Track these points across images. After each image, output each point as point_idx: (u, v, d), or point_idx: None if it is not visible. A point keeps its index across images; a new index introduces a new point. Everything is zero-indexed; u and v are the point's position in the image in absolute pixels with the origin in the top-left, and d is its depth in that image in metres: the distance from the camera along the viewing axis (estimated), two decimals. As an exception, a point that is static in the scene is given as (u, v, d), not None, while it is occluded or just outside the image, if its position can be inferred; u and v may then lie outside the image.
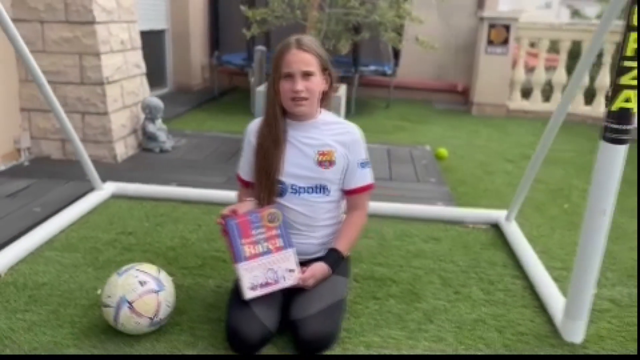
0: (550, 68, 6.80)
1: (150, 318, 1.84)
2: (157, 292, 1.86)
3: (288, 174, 1.94)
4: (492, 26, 6.43)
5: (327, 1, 4.06)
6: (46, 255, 2.48)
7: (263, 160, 1.95)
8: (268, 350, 1.83)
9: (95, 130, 3.84)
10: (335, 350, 1.86)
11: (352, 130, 2.01)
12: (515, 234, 2.87)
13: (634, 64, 1.68)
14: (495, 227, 3.08)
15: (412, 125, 5.98)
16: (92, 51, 3.68)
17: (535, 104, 6.71)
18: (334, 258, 1.96)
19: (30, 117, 3.83)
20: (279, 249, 1.87)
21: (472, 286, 2.38)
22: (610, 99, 1.75)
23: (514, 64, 6.72)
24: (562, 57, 6.48)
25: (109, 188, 3.24)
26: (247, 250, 1.84)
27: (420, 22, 4.22)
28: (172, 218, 3.00)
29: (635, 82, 1.69)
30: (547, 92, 6.84)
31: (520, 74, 6.70)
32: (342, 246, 1.98)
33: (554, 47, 7.03)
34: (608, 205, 1.80)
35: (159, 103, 4.17)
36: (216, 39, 7.05)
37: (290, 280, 1.88)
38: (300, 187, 1.95)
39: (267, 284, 1.85)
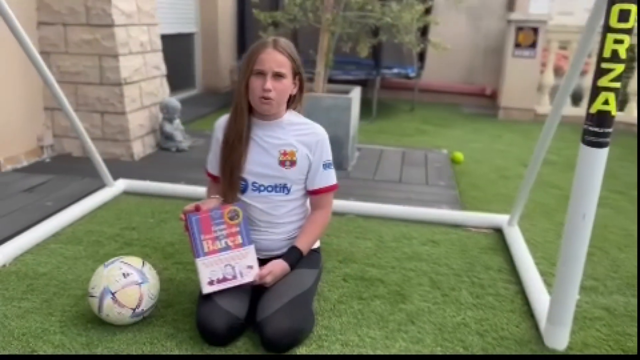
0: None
1: (133, 309, 1.91)
2: (139, 284, 1.93)
3: (250, 172, 1.99)
4: (519, 29, 6.32)
5: (342, 4, 4.08)
6: (51, 247, 2.59)
7: (227, 156, 1.99)
8: (244, 345, 1.87)
9: (114, 129, 3.98)
10: (311, 347, 1.88)
11: (317, 131, 2.03)
12: (515, 238, 2.83)
13: (613, 65, 1.65)
14: (499, 232, 3.03)
15: (434, 128, 5.93)
16: (111, 53, 3.82)
17: (565, 108, 6.52)
18: (293, 255, 1.99)
19: (53, 115, 4.00)
20: (238, 245, 1.91)
21: (462, 290, 2.36)
22: (589, 102, 1.72)
23: (543, 68, 6.57)
24: (594, 61, 6.27)
25: (120, 185, 3.35)
26: (207, 245, 1.88)
27: (436, 24, 4.19)
28: (176, 215, 3.03)
29: (614, 85, 1.66)
30: (577, 97, 6.66)
31: (549, 78, 6.55)
32: (302, 244, 2.01)
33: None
34: (588, 209, 1.76)
35: (176, 104, 4.28)
36: (243, 42, 7.17)
37: (248, 276, 1.91)
38: (261, 185, 2.00)
39: (225, 280, 1.89)
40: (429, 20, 4.19)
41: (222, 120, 2.06)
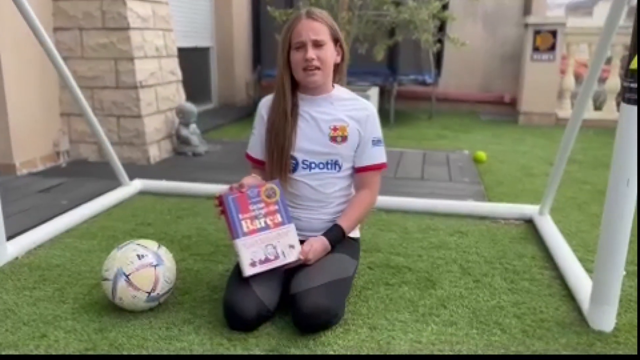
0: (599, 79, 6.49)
1: (148, 292, 1.81)
2: (155, 266, 1.83)
3: (300, 149, 1.90)
4: (537, 32, 6.22)
5: (358, 3, 4.04)
6: (65, 242, 2.52)
7: (274, 135, 1.91)
8: (266, 328, 1.75)
9: (130, 133, 3.94)
10: (336, 330, 1.75)
11: (367, 107, 1.95)
12: (548, 227, 2.68)
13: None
14: (529, 223, 2.89)
15: (454, 134, 5.81)
16: (127, 56, 3.80)
17: (587, 112, 6.38)
18: (334, 234, 1.88)
19: (69, 121, 3.98)
20: (277, 224, 1.81)
21: (494, 276, 2.22)
22: (628, 59, 1.61)
23: (563, 71, 6.45)
24: (616, 63, 6.16)
25: (137, 185, 3.29)
26: (245, 225, 1.78)
27: (454, 19, 4.13)
28: (193, 212, 2.99)
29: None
30: (599, 101, 6.52)
31: (570, 82, 6.42)
32: (345, 223, 1.90)
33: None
34: (632, 174, 1.64)
35: (192, 108, 4.24)
36: (258, 54, 7.17)
37: (291, 256, 1.80)
38: (312, 162, 1.91)
39: (267, 260, 1.78)
40: (446, 16, 4.12)
41: (267, 100, 1.99)
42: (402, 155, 4.28)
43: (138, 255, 1.83)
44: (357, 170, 1.97)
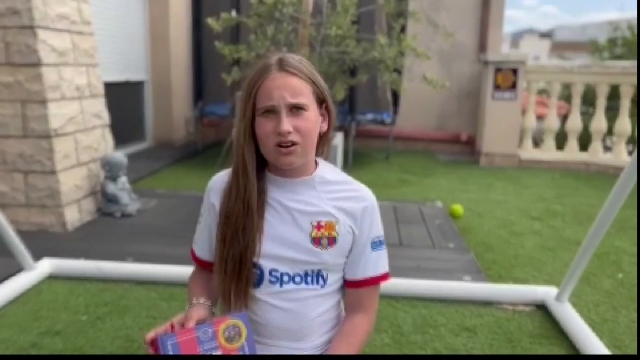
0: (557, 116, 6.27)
1: None
2: None
3: (267, 255, 1.26)
4: (498, 70, 5.92)
5: (319, 39, 3.49)
6: None
7: (229, 234, 1.26)
8: None
9: (40, 192, 3.17)
10: None
11: (363, 194, 1.32)
12: (573, 320, 2.18)
13: None
14: (541, 309, 2.38)
15: (417, 178, 5.34)
16: (37, 98, 3.06)
17: (549, 152, 6.13)
18: None
19: (-39, 178, 3.16)
20: None
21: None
22: None
23: (524, 111, 6.18)
24: (576, 102, 5.94)
25: (44, 267, 2.54)
26: None
27: (428, 58, 3.66)
28: (120, 307, 2.28)
29: None
30: (560, 140, 6.28)
31: (531, 121, 6.15)
32: None
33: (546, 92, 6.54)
34: None
35: (121, 159, 3.52)
36: (199, 88, 6.52)
37: None
38: (284, 274, 1.27)
39: None
40: (420, 53, 3.65)
41: (219, 181, 1.34)
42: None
43: None
44: (350, 284, 1.34)
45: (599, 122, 5.83)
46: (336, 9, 3.48)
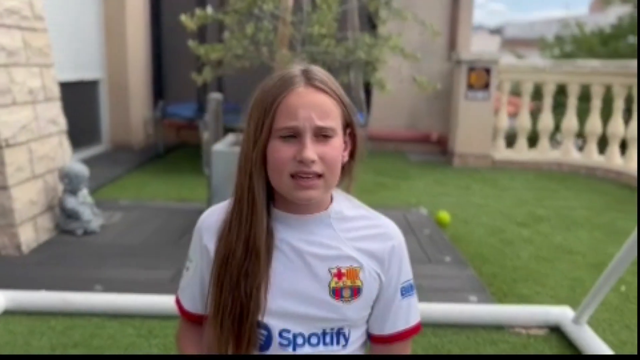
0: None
1: None
2: None
3: (276, 312, 1.00)
4: (471, 69, 5.82)
5: (300, 38, 3.24)
6: None
7: (228, 279, 1.00)
8: None
9: (-10, 211, 2.80)
10: None
11: (390, 231, 1.07)
12: (595, 345, 2.04)
13: None
14: (556, 332, 2.23)
15: (394, 181, 5.18)
16: (-16, 104, 2.69)
17: (522, 152, 6.08)
18: None
19: None
20: None
21: None
22: None
23: (496, 111, 6.10)
24: (547, 101, 5.91)
25: (-1, 302, 2.20)
26: None
27: (417, 60, 3.48)
28: (92, 348, 1.99)
29: None
30: (531, 139, 6.25)
31: (504, 121, 6.08)
32: None
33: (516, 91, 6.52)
34: None
35: (81, 170, 3.17)
36: (160, 87, 6.14)
37: None
38: (298, 336, 1.02)
39: None
40: (408, 55, 3.46)
41: (212, 218, 1.06)
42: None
43: None
44: (376, 340, 1.10)
45: (570, 121, 5.82)
46: (317, 6, 3.24)
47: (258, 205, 0.98)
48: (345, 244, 1.02)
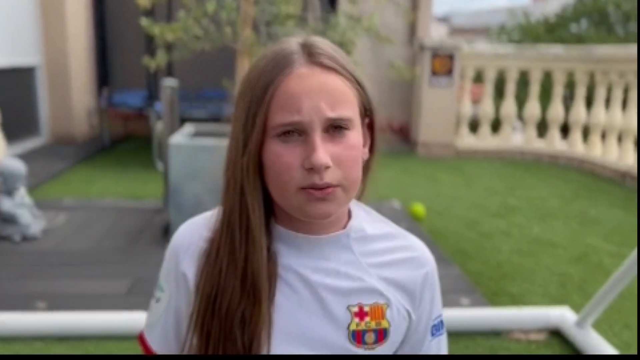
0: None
1: None
2: None
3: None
4: (435, 55, 5.66)
5: (264, 18, 2.95)
6: None
7: (219, 326, 0.74)
8: None
9: None
10: None
11: (421, 254, 0.82)
12: (602, 350, 1.87)
13: None
14: (557, 335, 2.07)
15: (358, 172, 4.97)
16: None
17: (485, 140, 6.00)
18: None
19: None
20: None
21: None
22: None
23: (459, 98, 5.99)
24: (510, 88, 5.84)
25: None
26: None
27: (392, 43, 3.26)
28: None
29: None
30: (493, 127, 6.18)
31: (467, 108, 5.99)
32: None
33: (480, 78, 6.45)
34: None
35: (18, 168, 2.79)
36: (104, 73, 5.69)
37: None
38: None
39: None
40: (383, 38, 3.23)
41: (191, 235, 0.77)
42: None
43: None
44: None
45: (533, 108, 5.78)
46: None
47: (255, 228, 0.71)
48: (368, 272, 0.76)
